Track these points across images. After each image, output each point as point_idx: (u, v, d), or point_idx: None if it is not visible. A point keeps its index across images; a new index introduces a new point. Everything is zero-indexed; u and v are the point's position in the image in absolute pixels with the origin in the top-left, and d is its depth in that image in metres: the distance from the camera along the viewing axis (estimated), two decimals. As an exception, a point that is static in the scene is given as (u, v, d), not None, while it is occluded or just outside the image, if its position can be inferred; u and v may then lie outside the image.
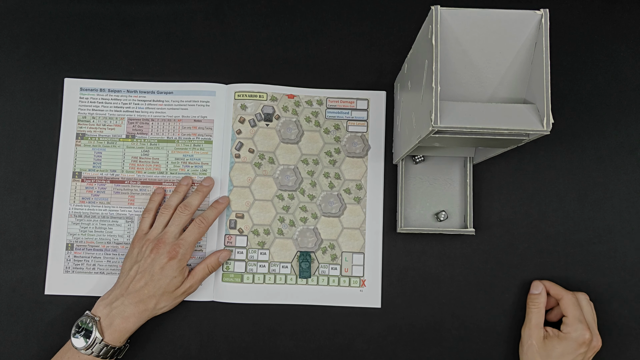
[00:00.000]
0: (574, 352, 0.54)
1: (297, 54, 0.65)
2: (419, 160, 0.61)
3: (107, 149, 0.63)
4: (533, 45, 0.43)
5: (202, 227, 0.58)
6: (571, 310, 0.55)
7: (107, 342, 0.53)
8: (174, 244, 0.56)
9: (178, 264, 0.55)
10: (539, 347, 0.55)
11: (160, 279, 0.55)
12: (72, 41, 0.64)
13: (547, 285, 0.59)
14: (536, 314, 0.57)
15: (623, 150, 0.63)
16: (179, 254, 0.55)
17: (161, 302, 0.56)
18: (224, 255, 0.60)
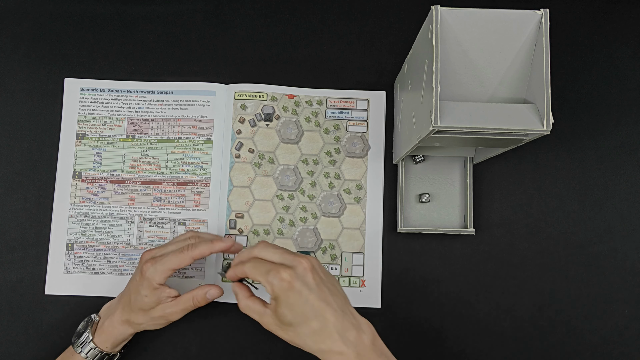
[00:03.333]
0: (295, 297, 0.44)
1: (297, 54, 0.65)
2: (419, 160, 0.61)
3: (108, 149, 0.63)
4: (533, 45, 0.43)
5: (184, 255, 0.52)
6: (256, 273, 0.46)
7: (96, 344, 0.53)
8: (149, 261, 0.52)
9: (147, 283, 0.52)
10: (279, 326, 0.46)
11: (134, 293, 0.53)
12: (72, 41, 0.64)
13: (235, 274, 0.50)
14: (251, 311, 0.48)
15: (623, 150, 0.63)
16: (146, 273, 0.52)
17: (137, 317, 0.53)
18: (213, 292, 0.55)
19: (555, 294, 0.61)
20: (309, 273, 0.45)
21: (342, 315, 0.44)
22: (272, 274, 0.44)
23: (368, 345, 0.44)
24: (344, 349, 0.43)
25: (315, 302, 0.44)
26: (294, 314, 0.44)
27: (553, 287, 0.61)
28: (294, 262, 0.45)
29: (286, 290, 0.44)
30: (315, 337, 0.44)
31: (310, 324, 0.43)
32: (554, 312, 0.61)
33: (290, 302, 0.44)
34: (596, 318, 0.61)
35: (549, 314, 0.61)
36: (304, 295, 0.44)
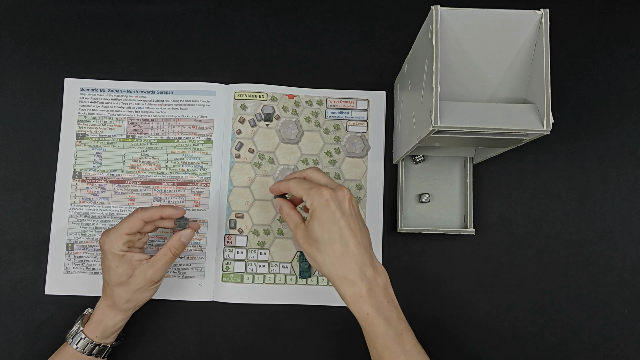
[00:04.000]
0: (328, 214, 0.46)
1: (297, 54, 0.65)
2: (419, 160, 0.61)
3: (108, 149, 0.63)
4: (533, 45, 0.43)
5: (133, 218, 0.53)
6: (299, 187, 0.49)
7: (85, 334, 0.53)
8: (103, 235, 0.53)
9: (110, 255, 0.52)
10: (306, 240, 0.48)
11: (106, 271, 0.53)
12: (72, 41, 0.65)
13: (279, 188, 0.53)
14: (289, 220, 0.51)
15: (623, 150, 0.63)
16: (104, 245, 0.52)
17: (121, 295, 0.53)
18: (187, 234, 0.54)
19: (555, 294, 0.61)
20: (346, 201, 0.48)
21: (364, 251, 0.47)
22: (314, 190, 0.48)
23: (381, 286, 0.47)
24: (357, 281, 0.46)
25: (343, 227, 0.46)
26: (322, 231, 0.46)
27: (553, 287, 0.61)
28: (337, 187, 0.48)
29: (322, 206, 0.47)
30: (335, 260, 0.46)
31: (334, 246, 0.46)
32: (554, 312, 0.61)
33: (322, 218, 0.46)
34: (596, 318, 0.61)
35: (549, 314, 0.61)
36: (336, 217, 0.46)
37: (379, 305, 0.46)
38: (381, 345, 0.46)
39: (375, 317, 0.46)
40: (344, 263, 0.46)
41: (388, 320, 0.46)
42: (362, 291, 0.46)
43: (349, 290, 0.46)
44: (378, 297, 0.46)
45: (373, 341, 0.47)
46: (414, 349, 0.47)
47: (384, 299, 0.46)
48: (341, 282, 0.46)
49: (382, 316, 0.46)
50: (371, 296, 0.46)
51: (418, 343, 0.48)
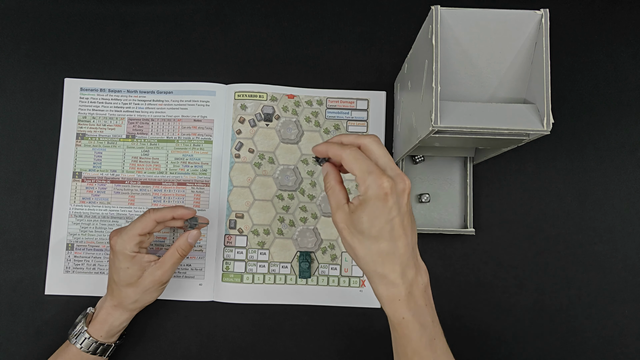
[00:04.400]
0: (383, 210, 0.40)
1: (297, 54, 0.65)
2: (419, 160, 0.61)
3: (108, 149, 0.63)
4: (533, 45, 0.43)
5: (146, 218, 0.53)
6: (355, 166, 0.42)
7: (90, 334, 0.53)
8: (115, 236, 0.53)
9: (121, 256, 0.52)
10: (348, 227, 0.42)
11: (115, 272, 0.53)
12: (72, 41, 0.64)
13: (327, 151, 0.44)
14: (332, 196, 0.44)
15: (623, 150, 0.63)
16: (116, 246, 0.52)
17: (130, 295, 0.53)
18: (193, 235, 0.55)
19: (555, 294, 0.61)
20: (406, 196, 0.42)
21: (411, 252, 0.42)
22: (373, 176, 0.40)
23: (421, 289, 0.43)
24: (399, 282, 0.41)
25: (397, 226, 0.41)
26: (371, 225, 0.41)
27: (553, 288, 0.61)
28: (397, 177, 0.42)
29: (379, 200, 0.40)
30: (378, 257, 0.41)
31: (381, 244, 0.41)
32: (554, 312, 0.61)
33: (376, 212, 0.40)
34: (596, 318, 0.61)
35: (549, 314, 0.61)
36: (392, 214, 0.41)
37: (417, 309, 0.42)
38: (412, 351, 0.42)
39: (412, 322, 0.42)
40: (387, 262, 0.41)
41: (423, 326, 0.42)
42: (401, 294, 0.41)
43: (386, 291, 0.42)
44: (417, 300, 0.42)
45: (404, 346, 0.43)
46: (444, 355, 0.43)
47: (422, 302, 0.43)
48: (379, 280, 0.42)
49: (418, 321, 0.42)
50: (410, 300, 0.42)
51: (448, 347, 0.45)
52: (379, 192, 0.40)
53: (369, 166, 0.41)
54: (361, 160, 0.42)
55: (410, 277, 0.42)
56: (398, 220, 0.41)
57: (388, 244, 0.41)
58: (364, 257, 0.42)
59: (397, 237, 0.41)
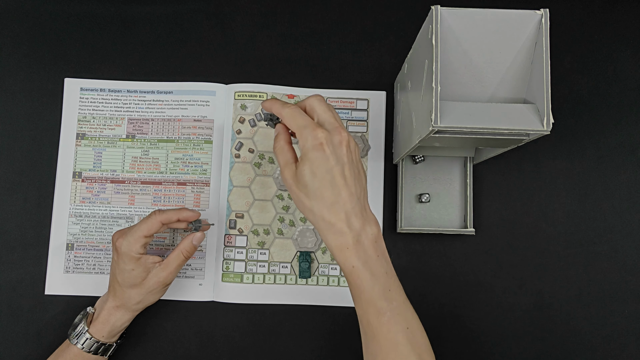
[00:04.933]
0: (321, 160, 0.42)
1: (297, 54, 0.65)
2: (419, 160, 0.61)
3: (108, 149, 0.63)
4: (533, 45, 0.43)
5: (151, 220, 0.53)
6: (293, 122, 0.44)
7: (92, 334, 0.53)
8: (120, 237, 0.53)
9: (127, 258, 0.52)
10: (295, 183, 0.44)
11: (119, 273, 0.53)
12: (72, 41, 0.64)
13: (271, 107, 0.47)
14: (280, 155, 0.46)
15: (623, 150, 0.63)
16: (121, 248, 0.52)
17: (133, 296, 0.54)
18: (198, 237, 0.55)
19: (555, 294, 0.61)
20: (343, 147, 0.43)
21: (356, 201, 0.43)
22: (308, 130, 0.43)
23: (370, 238, 0.43)
24: (345, 230, 0.43)
25: (336, 175, 0.42)
26: (313, 177, 0.43)
27: (553, 287, 0.61)
28: (334, 130, 0.43)
29: (315, 151, 0.42)
30: (323, 207, 0.43)
31: (324, 193, 0.43)
32: (554, 312, 0.61)
33: (314, 163, 0.42)
34: (596, 318, 0.61)
35: (549, 314, 0.61)
36: (330, 164, 0.42)
37: (367, 258, 0.43)
38: (366, 301, 0.43)
39: (361, 270, 0.42)
40: (332, 211, 0.43)
41: (375, 275, 0.43)
42: (349, 242, 0.42)
43: (335, 240, 0.43)
44: (366, 249, 0.43)
45: (358, 296, 0.43)
46: (402, 306, 0.43)
47: (372, 252, 0.43)
48: (328, 230, 0.43)
49: (368, 270, 0.42)
50: (358, 248, 0.43)
51: (407, 301, 0.45)
52: (314, 142, 0.42)
53: (304, 121, 0.43)
54: (298, 116, 0.44)
55: (357, 226, 0.43)
56: (337, 170, 0.42)
57: (331, 192, 0.42)
58: (311, 209, 0.43)
59: (339, 185, 0.43)
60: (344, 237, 0.43)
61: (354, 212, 0.43)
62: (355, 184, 0.43)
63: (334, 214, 0.43)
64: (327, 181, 0.42)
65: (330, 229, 0.43)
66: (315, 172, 0.42)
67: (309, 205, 0.44)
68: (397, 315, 0.43)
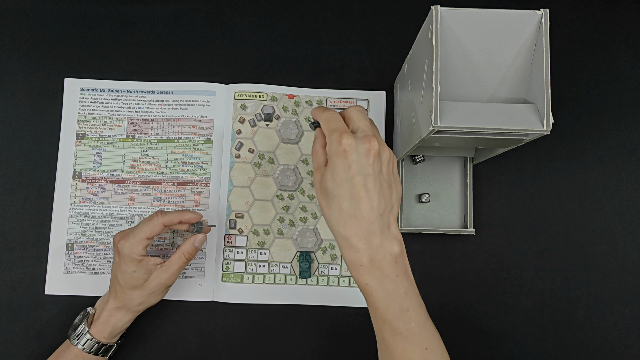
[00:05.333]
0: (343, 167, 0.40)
1: (297, 54, 0.65)
2: (419, 160, 0.61)
3: (108, 149, 0.63)
4: (533, 45, 0.43)
5: (154, 222, 0.52)
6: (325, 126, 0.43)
7: (92, 335, 0.53)
8: (122, 239, 0.52)
9: (128, 260, 0.52)
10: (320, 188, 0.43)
11: (121, 275, 0.53)
12: (72, 41, 0.64)
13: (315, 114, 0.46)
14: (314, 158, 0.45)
15: (623, 150, 0.63)
16: (123, 250, 0.52)
17: (135, 298, 0.53)
18: (200, 239, 0.55)
19: (555, 294, 0.61)
20: (371, 156, 0.41)
21: (378, 218, 0.41)
22: (336, 134, 0.41)
23: (388, 258, 0.41)
24: (360, 247, 0.40)
25: (357, 185, 0.40)
26: (334, 183, 0.41)
27: (553, 287, 0.61)
28: (364, 137, 0.41)
29: (338, 156, 0.41)
30: (340, 219, 0.41)
31: (342, 203, 0.40)
32: (554, 312, 0.61)
33: (336, 170, 0.41)
34: (596, 318, 0.61)
35: (549, 314, 0.61)
36: (351, 172, 0.40)
37: (382, 277, 0.40)
38: (381, 319, 0.41)
39: (375, 289, 0.41)
40: (349, 225, 0.40)
41: (391, 295, 0.41)
42: (363, 260, 0.40)
43: (349, 256, 0.41)
44: (383, 269, 0.41)
45: (373, 313, 0.42)
46: (421, 327, 0.41)
47: (390, 271, 0.41)
48: (344, 244, 0.41)
49: (383, 289, 0.41)
50: (373, 267, 0.40)
51: (429, 321, 0.43)
52: (339, 148, 0.40)
53: (336, 125, 0.42)
54: (333, 121, 0.43)
55: (374, 244, 0.41)
56: (359, 180, 0.40)
57: (349, 203, 0.40)
58: (330, 218, 0.42)
59: (359, 197, 0.40)
60: (358, 254, 0.41)
61: (373, 228, 0.41)
62: (379, 198, 0.41)
63: (351, 229, 0.41)
64: (347, 191, 0.40)
65: (345, 244, 0.41)
66: (336, 179, 0.41)
67: (327, 214, 0.42)
68: (414, 335, 0.41)
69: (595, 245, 0.62)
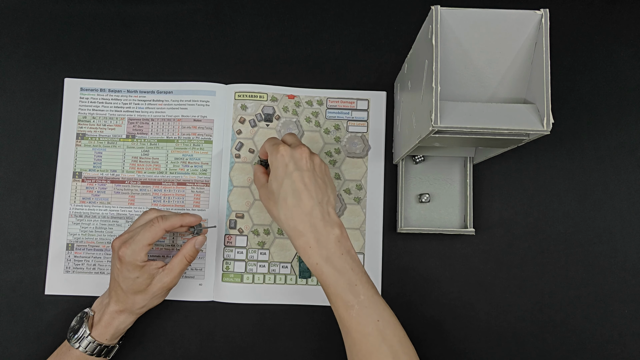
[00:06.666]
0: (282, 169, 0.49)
1: (297, 54, 0.65)
2: (419, 160, 0.61)
3: (108, 149, 0.63)
4: (533, 45, 0.43)
5: (155, 228, 0.52)
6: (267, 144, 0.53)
7: (94, 337, 0.53)
8: (123, 246, 0.52)
9: (131, 267, 0.52)
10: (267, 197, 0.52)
11: (123, 281, 0.53)
12: (72, 41, 0.64)
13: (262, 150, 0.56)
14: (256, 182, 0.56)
15: (623, 150, 0.63)
16: (125, 258, 0.51)
17: (138, 302, 0.54)
18: (200, 240, 0.56)
19: (555, 294, 0.61)
20: (303, 158, 0.50)
21: (316, 204, 0.48)
22: (275, 147, 0.51)
23: (332, 239, 0.47)
24: (307, 231, 0.47)
25: (296, 180, 0.48)
26: (277, 184, 0.49)
27: (553, 287, 0.61)
28: (297, 146, 0.51)
29: (277, 160, 0.50)
30: (287, 211, 0.48)
31: (287, 198, 0.48)
32: (554, 312, 0.61)
33: (277, 172, 0.50)
34: (596, 318, 0.61)
35: (549, 314, 0.61)
36: (289, 170, 0.49)
37: (329, 255, 0.47)
38: (333, 295, 0.46)
39: (324, 266, 0.46)
40: (295, 215, 0.48)
41: (339, 271, 0.46)
42: (311, 241, 0.47)
43: (299, 241, 0.48)
44: (329, 248, 0.47)
45: (326, 292, 0.47)
46: (370, 299, 0.46)
47: (336, 250, 0.47)
48: (293, 233, 0.48)
49: (331, 266, 0.46)
50: (320, 246, 0.47)
51: (377, 294, 0.47)
52: (277, 155, 0.50)
53: (275, 141, 0.52)
54: (270, 139, 0.54)
55: (319, 227, 0.47)
56: (297, 176, 0.48)
57: (292, 197, 0.48)
58: (279, 215, 0.49)
59: (299, 190, 0.48)
60: (306, 237, 0.47)
61: (315, 214, 0.48)
62: (315, 189, 0.49)
63: (297, 217, 0.48)
64: (288, 186, 0.48)
65: (294, 232, 0.48)
66: (278, 179, 0.49)
67: (276, 214, 0.50)
68: (365, 308, 0.46)
69: (595, 245, 0.62)
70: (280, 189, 0.49)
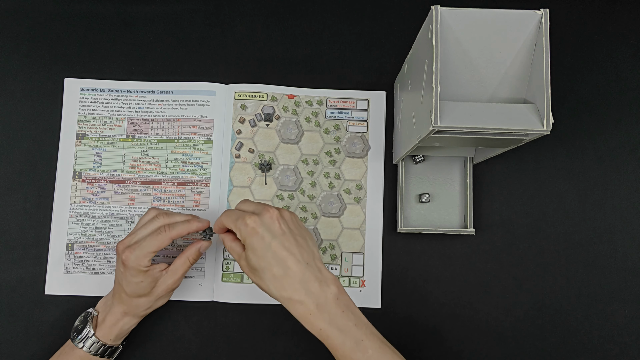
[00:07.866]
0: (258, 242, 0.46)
1: (297, 54, 0.65)
2: (419, 160, 0.61)
3: (108, 149, 0.63)
4: (533, 45, 0.43)
5: (162, 237, 0.51)
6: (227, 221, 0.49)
7: (98, 338, 0.53)
8: (127, 251, 0.51)
9: (135, 271, 0.51)
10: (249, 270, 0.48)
11: (127, 285, 0.52)
12: (72, 41, 0.65)
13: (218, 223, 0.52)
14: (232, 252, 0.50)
15: (623, 150, 0.63)
16: (129, 263, 0.51)
17: (142, 304, 0.54)
18: (205, 245, 0.55)
19: (555, 294, 0.61)
20: (275, 222, 0.47)
21: (306, 267, 0.46)
22: (240, 220, 0.47)
23: (330, 298, 0.45)
24: (304, 299, 0.45)
25: (277, 249, 0.45)
26: (258, 259, 0.46)
27: (553, 287, 0.61)
28: (262, 210, 0.47)
29: (251, 236, 0.46)
30: (277, 283, 0.46)
31: (273, 270, 0.45)
32: (554, 312, 0.61)
33: (254, 247, 0.46)
34: (596, 318, 0.61)
35: (549, 314, 0.61)
36: (267, 241, 0.46)
37: (332, 317, 0.45)
38: (341, 356, 0.45)
39: (329, 330, 0.45)
40: (286, 284, 0.45)
41: (343, 331, 0.45)
42: (311, 308, 0.45)
43: (297, 310, 0.46)
44: (329, 309, 0.45)
45: (334, 353, 0.46)
46: (378, 352, 0.45)
47: (336, 310, 0.45)
48: (288, 303, 0.46)
49: (336, 328, 0.45)
50: (321, 311, 0.45)
51: (384, 345, 0.46)
52: (247, 229, 0.46)
53: (236, 214, 0.48)
54: (231, 214, 0.49)
55: (315, 291, 0.45)
56: (276, 244, 0.46)
57: (277, 268, 0.45)
58: (269, 287, 0.46)
59: (284, 258, 0.45)
60: (304, 306, 0.45)
61: (307, 278, 0.45)
62: (299, 250, 0.46)
63: (289, 287, 0.45)
64: (271, 258, 0.45)
65: (290, 303, 0.46)
66: (257, 254, 0.46)
67: (265, 287, 0.47)
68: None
69: (595, 245, 0.62)
70: (262, 263, 0.46)
